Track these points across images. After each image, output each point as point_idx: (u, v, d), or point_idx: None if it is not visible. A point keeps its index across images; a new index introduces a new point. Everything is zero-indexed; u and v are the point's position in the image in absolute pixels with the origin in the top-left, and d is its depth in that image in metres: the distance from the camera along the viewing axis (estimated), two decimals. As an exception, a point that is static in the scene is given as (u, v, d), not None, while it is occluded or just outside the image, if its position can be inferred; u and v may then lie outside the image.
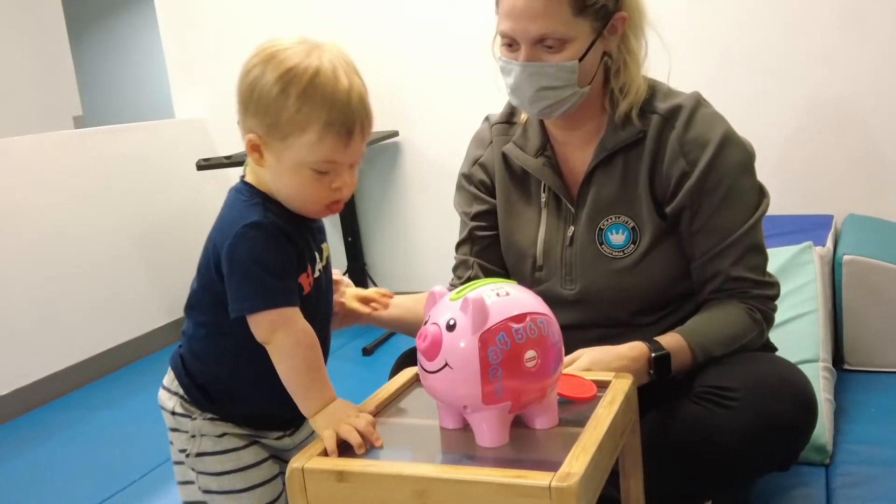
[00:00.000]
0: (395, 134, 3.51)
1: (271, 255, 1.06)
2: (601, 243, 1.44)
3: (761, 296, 1.39)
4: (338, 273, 1.33)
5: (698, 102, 1.42)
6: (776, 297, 1.41)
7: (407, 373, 1.30)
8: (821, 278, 2.25)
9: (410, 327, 1.46)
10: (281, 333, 1.06)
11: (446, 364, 1.00)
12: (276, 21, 3.63)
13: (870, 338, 2.30)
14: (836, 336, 2.33)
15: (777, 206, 2.88)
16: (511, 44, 1.36)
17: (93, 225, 3.36)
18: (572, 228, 1.46)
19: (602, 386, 1.18)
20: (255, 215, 1.07)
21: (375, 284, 3.60)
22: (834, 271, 2.33)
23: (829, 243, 2.46)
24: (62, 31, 4.63)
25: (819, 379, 1.95)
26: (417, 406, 1.21)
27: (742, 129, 2.82)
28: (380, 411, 1.17)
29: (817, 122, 2.91)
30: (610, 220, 1.44)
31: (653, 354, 1.29)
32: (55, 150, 3.29)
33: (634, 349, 1.30)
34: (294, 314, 1.07)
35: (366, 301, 1.38)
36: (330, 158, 1.07)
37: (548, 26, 1.31)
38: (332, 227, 3.64)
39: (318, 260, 1.17)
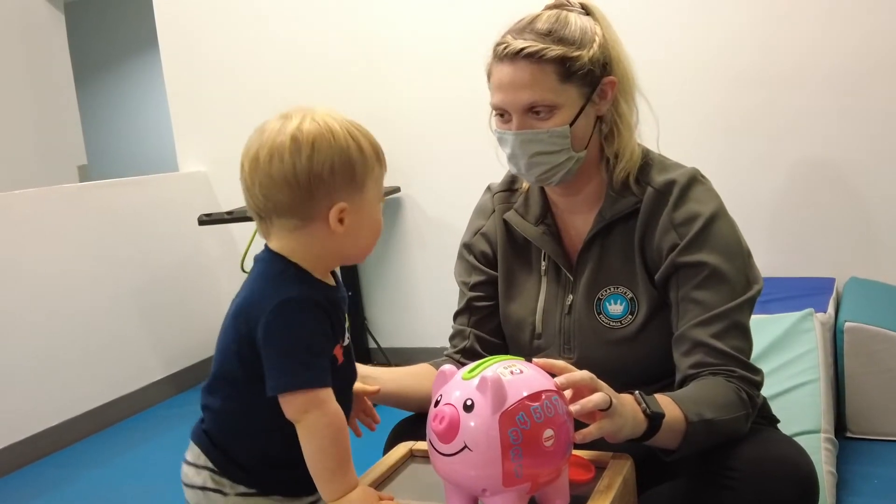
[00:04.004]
0: (397, 190, 3.53)
1: (308, 332, 1.05)
2: (599, 313, 1.43)
3: (747, 379, 1.31)
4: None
5: (694, 178, 1.41)
6: (761, 386, 1.35)
7: (401, 448, 1.28)
8: (822, 346, 2.24)
9: (403, 403, 1.44)
10: (314, 414, 1.04)
11: (465, 446, 0.97)
12: (280, 78, 3.68)
13: (872, 406, 2.28)
14: (838, 403, 2.31)
15: (778, 268, 2.92)
16: (503, 114, 1.39)
17: (93, 278, 3.36)
18: (571, 297, 1.45)
19: (601, 467, 1.16)
20: (290, 290, 1.06)
21: (375, 339, 3.60)
22: (835, 337, 2.32)
23: (831, 308, 2.45)
24: (69, 83, 4.68)
25: (821, 451, 1.92)
26: (416, 486, 1.18)
27: (742, 190, 2.88)
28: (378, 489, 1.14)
29: (818, 183, 2.92)
30: (608, 291, 1.43)
31: (646, 409, 1.20)
32: (58, 203, 3.30)
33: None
34: (328, 395, 1.05)
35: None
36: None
37: (536, 95, 1.34)
38: (333, 282, 3.63)
39: (345, 330, 1.16)
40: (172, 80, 3.96)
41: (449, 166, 3.43)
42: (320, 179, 1.05)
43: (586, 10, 1.40)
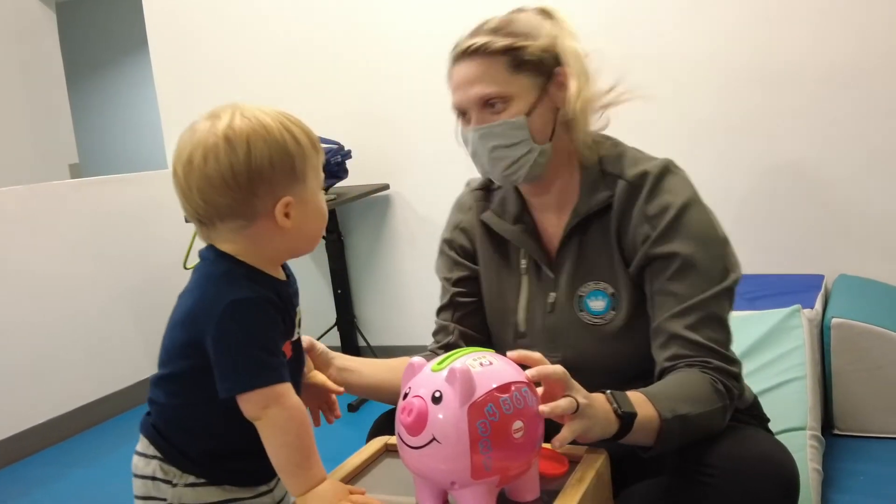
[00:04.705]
0: (386, 187, 3.52)
1: (261, 331, 1.04)
2: (581, 310, 1.41)
3: (724, 370, 1.29)
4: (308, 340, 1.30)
5: (666, 168, 1.38)
6: (739, 376, 1.33)
7: (376, 443, 1.27)
8: (809, 342, 2.23)
9: (382, 396, 1.43)
10: (274, 409, 1.03)
11: (433, 439, 0.96)
12: (268, 77, 3.67)
13: (860, 403, 2.27)
14: (825, 400, 2.29)
15: (767, 265, 2.91)
16: (464, 113, 1.39)
17: (81, 274, 3.35)
18: (553, 295, 1.44)
19: (574, 461, 1.15)
20: (241, 290, 1.04)
21: (364, 337, 3.58)
22: (823, 334, 2.30)
23: (819, 305, 2.44)
24: (61, 81, 4.67)
25: (807, 448, 1.91)
26: (389, 480, 1.17)
27: (736, 188, 2.86)
28: (349, 484, 1.13)
29: (810, 181, 2.90)
30: (589, 287, 1.41)
31: (617, 409, 1.17)
32: (49, 200, 3.29)
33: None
34: (286, 390, 1.04)
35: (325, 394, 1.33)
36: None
37: (487, 87, 1.34)
38: (322, 279, 3.63)
39: (296, 324, 1.14)
40: (162, 79, 3.95)
41: (438, 164, 3.40)
42: (260, 176, 1.03)
43: (545, 14, 1.40)
